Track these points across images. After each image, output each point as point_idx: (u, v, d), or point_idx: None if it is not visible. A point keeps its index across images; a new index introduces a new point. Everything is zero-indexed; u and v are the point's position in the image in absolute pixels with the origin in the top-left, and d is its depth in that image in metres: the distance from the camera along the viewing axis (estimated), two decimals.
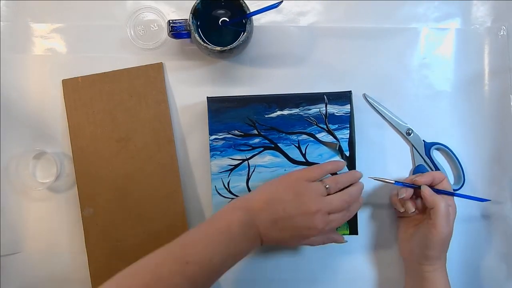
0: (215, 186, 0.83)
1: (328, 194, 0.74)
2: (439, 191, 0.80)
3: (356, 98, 0.85)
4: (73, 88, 0.86)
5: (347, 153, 0.82)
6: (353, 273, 0.88)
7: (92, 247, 0.85)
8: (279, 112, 0.83)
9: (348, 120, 0.83)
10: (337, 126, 0.82)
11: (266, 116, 0.83)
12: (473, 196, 0.83)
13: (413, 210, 0.81)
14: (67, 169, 0.87)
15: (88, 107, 0.85)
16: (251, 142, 0.83)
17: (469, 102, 0.89)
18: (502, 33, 0.89)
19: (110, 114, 0.85)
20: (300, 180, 0.74)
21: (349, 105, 0.83)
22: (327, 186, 0.74)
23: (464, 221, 0.88)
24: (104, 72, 0.86)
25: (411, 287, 0.83)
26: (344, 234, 0.82)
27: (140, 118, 0.86)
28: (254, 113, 0.83)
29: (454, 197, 0.81)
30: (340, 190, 0.75)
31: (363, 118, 0.87)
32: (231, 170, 0.83)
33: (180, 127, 0.87)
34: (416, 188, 0.80)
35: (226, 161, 0.83)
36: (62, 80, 0.86)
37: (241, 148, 0.83)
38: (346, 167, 0.81)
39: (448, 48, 0.90)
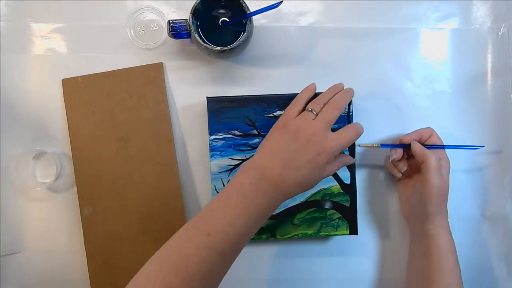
0: (215, 186, 0.83)
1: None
2: (429, 147, 0.80)
3: (356, 98, 0.85)
4: (73, 88, 0.86)
5: (347, 153, 0.82)
6: (353, 273, 0.88)
7: (91, 246, 0.85)
8: (278, 112, 0.83)
9: (347, 120, 0.83)
10: (336, 125, 0.82)
11: (265, 116, 0.83)
12: (464, 145, 0.83)
13: (405, 168, 0.83)
14: (67, 169, 0.87)
15: (87, 106, 0.85)
16: (250, 142, 0.83)
17: (470, 102, 0.89)
18: (502, 33, 0.89)
19: (109, 114, 0.85)
20: (286, 121, 0.73)
21: (348, 105, 0.83)
22: (310, 109, 0.73)
23: (464, 221, 0.88)
24: (104, 72, 0.86)
25: (416, 247, 0.83)
26: (343, 234, 0.83)
27: (139, 118, 0.86)
28: (253, 113, 0.83)
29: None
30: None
31: (363, 118, 0.86)
32: (231, 170, 0.83)
33: (180, 127, 0.87)
34: (406, 147, 0.82)
35: (226, 161, 0.83)
36: (62, 80, 0.86)
37: (241, 148, 0.83)
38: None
39: (449, 48, 0.90)
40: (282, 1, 0.77)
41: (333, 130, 0.78)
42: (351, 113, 0.83)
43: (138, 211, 0.86)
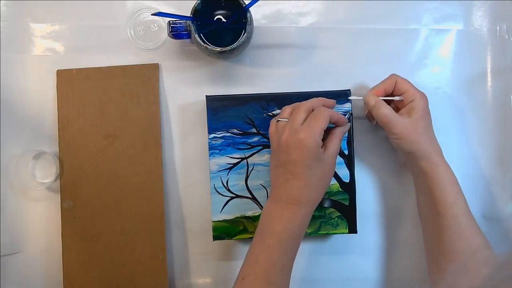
0: (214, 184, 0.83)
1: None
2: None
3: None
4: (67, 79, 0.86)
5: (346, 152, 0.82)
6: (353, 271, 0.88)
7: (68, 240, 0.86)
8: (277, 111, 0.83)
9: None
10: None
11: (264, 114, 0.83)
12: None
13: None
14: None
15: (79, 99, 0.86)
16: (250, 140, 0.83)
17: (470, 103, 0.89)
18: (502, 34, 0.89)
19: (100, 110, 0.86)
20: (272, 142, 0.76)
21: (348, 103, 0.82)
22: (277, 121, 0.75)
23: None
24: (99, 67, 0.86)
25: (418, 185, 0.82)
26: (343, 233, 0.83)
27: (130, 116, 0.86)
28: (252, 112, 0.83)
29: None
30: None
31: (362, 118, 0.87)
32: (230, 168, 0.83)
33: (180, 126, 0.87)
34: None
35: (225, 160, 0.83)
36: (57, 70, 0.86)
37: (240, 147, 0.83)
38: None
39: (449, 49, 0.90)
40: None
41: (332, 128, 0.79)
42: (351, 113, 0.83)
43: (118, 210, 0.85)
